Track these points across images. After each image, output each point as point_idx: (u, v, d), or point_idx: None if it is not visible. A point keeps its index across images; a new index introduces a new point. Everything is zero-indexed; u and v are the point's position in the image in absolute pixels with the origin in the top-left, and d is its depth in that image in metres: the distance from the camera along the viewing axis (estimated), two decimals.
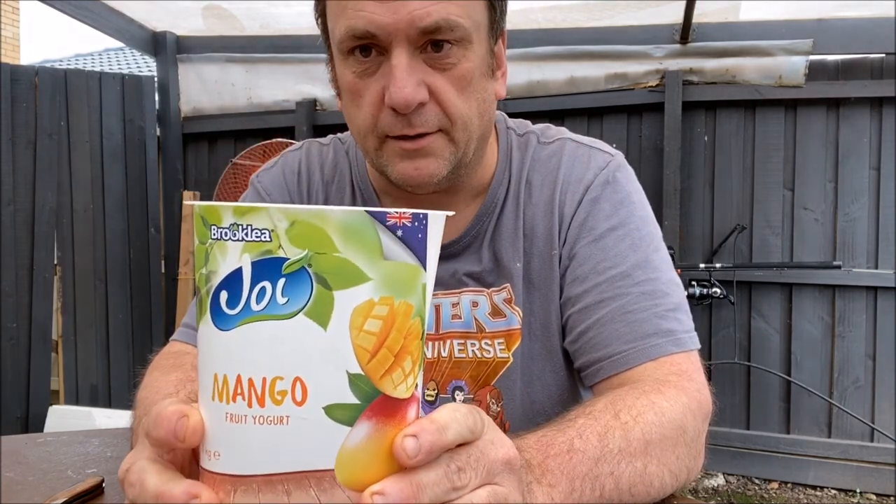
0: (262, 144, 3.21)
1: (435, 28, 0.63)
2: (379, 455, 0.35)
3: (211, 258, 0.34)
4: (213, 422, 0.35)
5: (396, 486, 0.35)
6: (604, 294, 0.72)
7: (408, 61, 0.63)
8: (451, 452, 0.38)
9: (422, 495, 0.36)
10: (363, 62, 0.66)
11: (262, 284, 0.33)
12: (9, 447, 0.66)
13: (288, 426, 0.33)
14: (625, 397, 0.60)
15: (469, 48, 0.66)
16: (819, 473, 2.77)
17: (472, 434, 0.38)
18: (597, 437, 0.54)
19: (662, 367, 0.68)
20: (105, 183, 3.14)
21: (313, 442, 0.33)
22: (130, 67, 9.56)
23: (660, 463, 0.56)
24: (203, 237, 0.34)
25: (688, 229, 2.94)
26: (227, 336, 0.33)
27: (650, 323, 0.69)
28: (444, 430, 0.37)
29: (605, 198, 0.76)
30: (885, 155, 2.73)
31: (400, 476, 0.36)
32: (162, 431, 0.36)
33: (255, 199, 0.85)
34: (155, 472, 0.38)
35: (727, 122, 2.91)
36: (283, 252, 0.32)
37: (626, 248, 0.73)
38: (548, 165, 0.79)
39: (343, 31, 0.65)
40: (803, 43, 2.70)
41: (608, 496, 0.52)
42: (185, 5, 3.12)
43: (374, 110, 0.67)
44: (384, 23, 0.62)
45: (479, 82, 0.69)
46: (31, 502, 0.52)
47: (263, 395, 0.32)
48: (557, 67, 2.97)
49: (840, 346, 2.79)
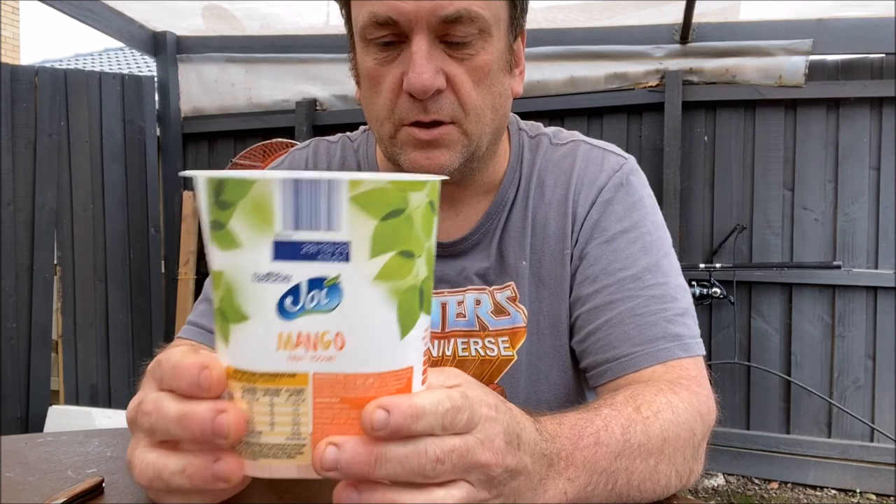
0: (262, 144, 3.21)
1: (456, 17, 0.63)
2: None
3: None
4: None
5: (356, 447, 0.35)
6: (614, 296, 0.72)
7: (427, 48, 0.64)
8: (435, 438, 0.37)
9: (379, 468, 0.35)
10: (384, 49, 0.67)
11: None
12: (9, 447, 0.66)
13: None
14: (643, 393, 0.61)
15: (488, 41, 0.67)
16: (819, 473, 2.77)
17: (453, 425, 0.37)
18: (620, 429, 0.54)
19: (671, 371, 0.68)
20: (105, 183, 3.14)
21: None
22: (130, 67, 9.56)
23: (670, 462, 0.57)
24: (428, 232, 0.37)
25: (688, 229, 2.94)
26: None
27: (659, 327, 0.70)
28: (416, 419, 0.35)
29: (619, 200, 0.76)
30: (885, 155, 2.73)
31: (366, 440, 0.35)
32: (184, 383, 0.36)
33: None
34: (172, 398, 0.37)
35: (727, 122, 2.91)
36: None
37: (638, 251, 0.74)
38: (561, 166, 0.79)
39: (366, 18, 0.65)
40: (803, 43, 2.70)
41: (618, 491, 0.52)
42: (185, 5, 3.12)
43: (393, 96, 0.67)
44: (406, 10, 0.63)
45: (495, 76, 0.69)
46: (31, 502, 0.52)
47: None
48: (557, 67, 2.97)
49: (840, 346, 2.79)
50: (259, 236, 0.34)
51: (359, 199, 0.34)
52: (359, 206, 0.34)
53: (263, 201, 0.34)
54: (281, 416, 0.36)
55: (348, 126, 1.36)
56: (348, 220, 0.34)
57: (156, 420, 0.37)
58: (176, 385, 0.37)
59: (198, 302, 0.83)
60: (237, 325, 0.35)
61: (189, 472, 0.37)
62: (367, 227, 0.34)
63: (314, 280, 0.34)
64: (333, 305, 0.34)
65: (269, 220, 0.34)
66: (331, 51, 3.16)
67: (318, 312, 0.34)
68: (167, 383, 0.38)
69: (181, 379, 0.36)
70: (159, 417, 0.37)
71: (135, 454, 0.40)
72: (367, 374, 0.35)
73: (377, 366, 0.36)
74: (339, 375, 0.35)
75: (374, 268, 0.34)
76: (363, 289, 0.35)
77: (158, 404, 0.37)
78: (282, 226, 0.34)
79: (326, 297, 0.34)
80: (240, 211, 0.34)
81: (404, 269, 0.35)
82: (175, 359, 0.37)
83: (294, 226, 0.34)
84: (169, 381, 0.37)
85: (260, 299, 0.35)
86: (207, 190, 0.35)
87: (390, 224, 0.34)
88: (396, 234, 0.35)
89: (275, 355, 0.35)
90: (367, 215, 0.34)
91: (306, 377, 0.35)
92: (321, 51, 3.22)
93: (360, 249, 0.34)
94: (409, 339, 0.36)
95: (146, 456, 0.39)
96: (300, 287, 0.34)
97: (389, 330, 0.36)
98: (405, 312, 0.36)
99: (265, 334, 0.35)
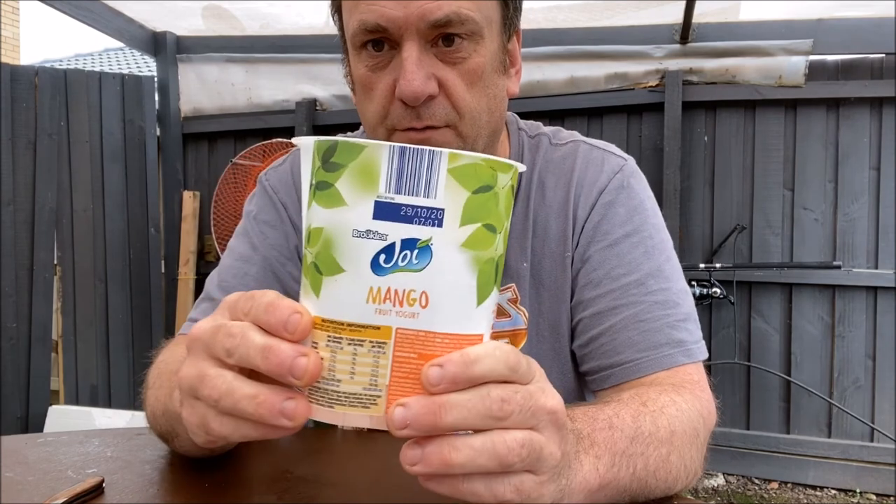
0: (262, 144, 3.22)
1: (445, 21, 0.63)
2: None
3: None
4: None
5: (421, 401, 0.36)
6: (617, 301, 0.72)
7: (418, 54, 0.64)
8: (496, 384, 0.38)
9: (445, 414, 0.36)
10: (375, 56, 0.67)
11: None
12: (9, 447, 0.66)
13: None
14: (648, 392, 0.62)
15: (480, 43, 0.67)
16: (819, 473, 2.77)
17: (511, 372, 0.38)
18: (631, 418, 0.55)
19: (675, 376, 0.69)
20: (105, 183, 3.14)
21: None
22: (130, 67, 9.56)
23: (679, 455, 0.58)
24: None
25: (688, 229, 2.94)
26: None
27: (662, 333, 0.70)
28: (472, 363, 0.37)
29: (620, 203, 0.76)
30: (885, 155, 2.73)
31: (428, 395, 0.37)
32: (273, 320, 0.38)
33: (263, 196, 0.86)
34: (259, 331, 0.39)
35: (727, 122, 2.91)
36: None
37: (640, 255, 0.74)
38: (562, 167, 0.79)
39: (356, 25, 0.66)
40: (803, 43, 2.70)
41: (639, 475, 0.53)
42: (185, 5, 3.12)
43: (385, 102, 0.67)
44: (395, 16, 0.63)
45: (490, 77, 0.69)
46: (31, 502, 0.52)
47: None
48: (557, 67, 2.97)
49: (840, 346, 2.79)
50: (363, 196, 0.37)
51: (455, 171, 0.37)
52: (455, 178, 0.37)
53: (371, 165, 0.37)
54: (361, 367, 0.38)
55: (348, 126, 1.36)
56: (445, 189, 0.37)
57: (239, 343, 0.39)
58: (266, 320, 0.38)
59: (199, 300, 0.83)
60: (330, 277, 0.38)
61: (260, 399, 0.38)
62: (460, 198, 0.37)
63: (407, 240, 0.37)
64: (423, 266, 0.37)
65: (375, 183, 0.37)
66: (331, 51, 3.16)
67: (408, 271, 0.37)
68: (256, 317, 0.39)
69: (272, 316, 0.38)
70: (244, 342, 0.38)
71: (209, 369, 0.40)
72: (444, 334, 0.38)
73: (454, 327, 0.38)
74: (420, 332, 0.38)
75: (463, 235, 0.38)
76: (451, 253, 0.38)
77: (245, 331, 0.39)
78: (385, 188, 0.37)
79: (417, 258, 0.37)
80: (348, 173, 0.37)
81: (487, 241, 0.39)
82: (270, 297, 0.39)
83: (396, 190, 0.37)
84: (260, 314, 0.39)
85: (357, 254, 0.37)
86: (317, 153, 0.39)
87: (480, 198, 0.38)
88: (484, 208, 0.38)
89: (364, 308, 0.37)
90: (461, 187, 0.37)
91: (390, 331, 0.37)
92: (321, 51, 3.22)
93: (451, 217, 0.37)
94: (483, 307, 0.39)
95: (225, 373, 0.40)
96: (395, 246, 0.37)
97: (469, 295, 0.39)
98: (483, 281, 0.39)
99: (357, 287, 0.37)
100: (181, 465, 0.63)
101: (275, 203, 0.84)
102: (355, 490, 0.59)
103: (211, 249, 3.43)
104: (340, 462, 0.68)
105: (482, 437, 0.37)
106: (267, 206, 0.85)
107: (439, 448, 0.37)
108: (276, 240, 0.82)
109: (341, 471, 0.64)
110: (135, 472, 0.60)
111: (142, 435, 0.72)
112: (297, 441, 0.74)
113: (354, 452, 0.71)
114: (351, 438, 0.76)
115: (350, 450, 0.72)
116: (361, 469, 0.65)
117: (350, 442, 0.75)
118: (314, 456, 0.69)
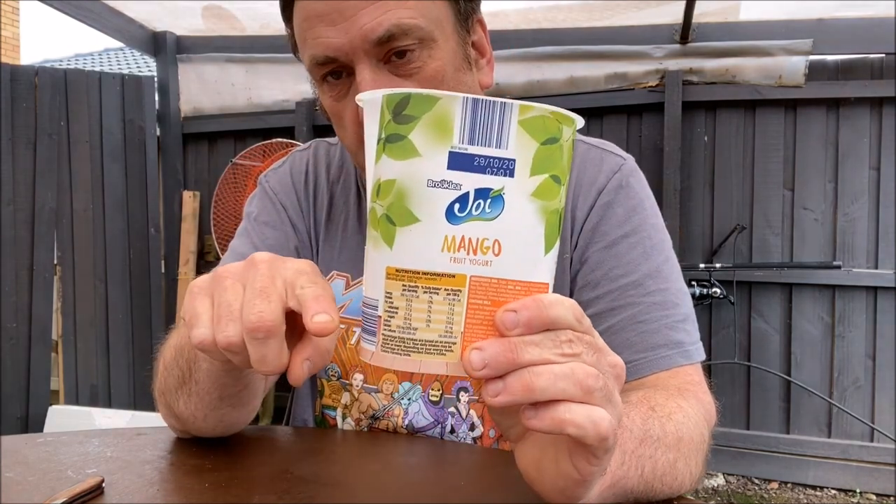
0: (262, 144, 3.21)
1: (388, 37, 0.63)
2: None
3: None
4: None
5: (497, 342, 0.38)
6: (615, 302, 0.72)
7: (371, 76, 0.65)
8: (563, 331, 0.39)
9: (521, 352, 0.37)
10: (336, 85, 0.68)
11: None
12: (9, 447, 0.66)
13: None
14: (655, 396, 0.61)
15: (434, 47, 0.66)
16: (819, 473, 2.77)
17: (577, 323, 0.39)
18: (640, 420, 0.55)
19: (675, 377, 0.69)
20: (105, 183, 3.14)
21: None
22: (130, 67, 9.56)
23: (686, 462, 0.57)
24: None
25: (688, 229, 2.94)
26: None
27: (661, 334, 0.70)
28: (546, 308, 0.38)
29: (619, 203, 0.76)
30: (885, 155, 2.73)
31: (501, 338, 0.38)
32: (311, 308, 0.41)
33: (263, 198, 0.87)
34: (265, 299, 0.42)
35: (727, 122, 2.91)
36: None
37: (639, 256, 0.73)
38: None
39: (308, 61, 0.67)
40: (803, 43, 2.70)
41: (646, 478, 0.53)
42: (185, 5, 3.12)
43: (356, 128, 0.69)
44: (340, 44, 0.64)
45: (454, 78, 0.69)
46: (31, 502, 0.52)
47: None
48: (557, 67, 2.97)
49: (840, 346, 2.79)
50: (437, 147, 0.38)
51: (525, 123, 0.38)
52: (525, 129, 0.38)
53: (445, 116, 0.38)
54: (437, 315, 0.39)
55: None
56: (516, 140, 0.38)
57: (268, 268, 0.43)
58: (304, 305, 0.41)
59: None
60: (405, 227, 0.39)
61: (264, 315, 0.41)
62: (530, 148, 0.38)
63: (481, 190, 0.38)
64: (495, 215, 0.38)
65: (449, 133, 0.38)
66: None
67: (481, 220, 0.38)
68: (301, 297, 0.42)
69: (312, 308, 0.41)
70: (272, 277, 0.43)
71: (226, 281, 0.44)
72: (516, 281, 0.39)
73: (525, 275, 0.40)
74: (493, 280, 0.39)
75: (532, 185, 0.39)
76: (522, 202, 0.39)
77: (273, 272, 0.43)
78: (458, 139, 0.38)
79: (490, 207, 0.38)
80: (422, 124, 0.38)
81: (553, 191, 0.40)
82: (323, 289, 0.43)
83: (469, 140, 0.38)
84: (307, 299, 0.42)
85: (432, 204, 0.38)
86: (387, 107, 0.39)
87: (548, 149, 0.39)
88: (551, 159, 0.39)
89: (439, 256, 0.38)
90: (531, 138, 0.38)
91: (464, 279, 0.39)
92: None
93: (522, 167, 0.38)
94: (549, 256, 0.41)
95: (257, 298, 0.42)
96: (468, 195, 0.38)
97: (538, 243, 0.40)
98: (550, 231, 0.40)
99: (432, 236, 0.38)
100: (181, 465, 0.63)
101: (275, 204, 0.85)
102: (355, 490, 0.59)
103: (211, 249, 3.43)
104: (340, 462, 0.68)
105: (561, 364, 0.38)
106: (267, 207, 0.85)
107: (520, 375, 0.38)
108: (276, 240, 0.82)
109: (341, 471, 0.64)
110: (135, 472, 0.60)
111: (142, 435, 0.72)
112: (298, 441, 0.74)
113: (354, 452, 0.71)
114: (351, 438, 0.76)
115: (350, 450, 0.72)
116: (361, 469, 0.65)
117: (350, 442, 0.75)
118: (314, 456, 0.69)
